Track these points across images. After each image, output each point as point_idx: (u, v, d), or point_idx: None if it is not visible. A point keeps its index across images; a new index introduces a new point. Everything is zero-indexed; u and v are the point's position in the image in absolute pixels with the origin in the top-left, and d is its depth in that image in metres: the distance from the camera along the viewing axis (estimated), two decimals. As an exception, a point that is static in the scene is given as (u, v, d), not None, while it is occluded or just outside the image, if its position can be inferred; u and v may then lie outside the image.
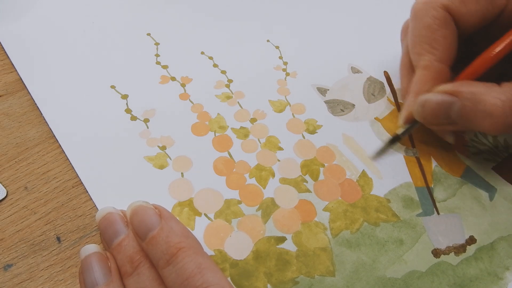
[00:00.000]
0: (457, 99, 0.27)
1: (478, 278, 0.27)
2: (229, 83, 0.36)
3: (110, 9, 0.41)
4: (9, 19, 0.38)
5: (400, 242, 0.28)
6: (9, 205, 0.28)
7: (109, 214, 0.25)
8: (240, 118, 0.34)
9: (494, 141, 0.35)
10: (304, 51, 0.40)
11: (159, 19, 0.41)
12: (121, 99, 0.34)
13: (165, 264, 0.22)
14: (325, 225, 0.29)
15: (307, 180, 0.31)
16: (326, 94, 0.36)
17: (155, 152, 0.31)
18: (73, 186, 0.29)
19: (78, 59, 0.36)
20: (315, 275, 0.27)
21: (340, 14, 0.43)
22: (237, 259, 0.27)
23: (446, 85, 0.29)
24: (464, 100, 0.27)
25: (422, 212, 0.30)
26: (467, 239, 0.29)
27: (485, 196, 0.31)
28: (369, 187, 0.31)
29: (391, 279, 0.27)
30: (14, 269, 0.26)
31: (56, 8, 0.40)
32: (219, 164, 0.31)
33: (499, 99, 0.26)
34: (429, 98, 0.29)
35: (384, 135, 0.34)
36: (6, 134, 0.31)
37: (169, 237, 0.22)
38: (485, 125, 0.27)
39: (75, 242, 0.27)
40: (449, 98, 0.28)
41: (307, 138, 0.33)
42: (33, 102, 0.33)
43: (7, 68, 0.35)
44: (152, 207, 0.24)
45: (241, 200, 0.29)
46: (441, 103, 0.28)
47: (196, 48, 0.39)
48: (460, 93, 0.27)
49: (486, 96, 0.26)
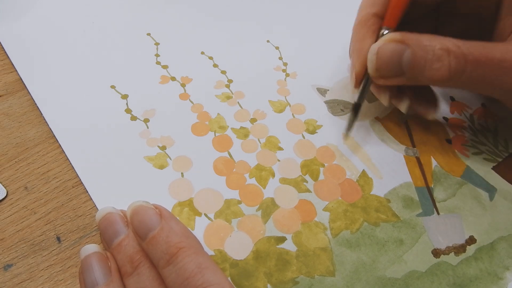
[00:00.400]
0: (406, 46, 0.28)
1: (478, 278, 0.27)
2: (229, 83, 0.36)
3: (110, 9, 0.41)
4: (9, 19, 0.38)
5: (400, 242, 0.28)
6: (9, 205, 0.28)
7: (109, 214, 0.25)
8: (240, 118, 0.34)
9: (494, 141, 0.35)
10: (304, 52, 0.40)
11: (159, 19, 0.41)
12: (121, 99, 0.34)
13: (165, 264, 0.22)
14: (325, 225, 0.29)
15: (307, 180, 0.31)
16: (326, 95, 0.36)
17: (155, 152, 0.31)
18: (73, 186, 0.29)
19: (78, 59, 0.36)
20: (315, 275, 0.27)
21: (340, 14, 0.43)
22: (237, 259, 0.27)
23: (393, 34, 0.29)
24: (414, 47, 0.27)
25: (422, 212, 0.30)
26: (467, 239, 0.29)
27: (485, 196, 0.31)
28: (369, 187, 0.31)
29: (391, 279, 0.27)
30: (14, 269, 0.26)
31: (56, 8, 0.40)
32: (219, 164, 0.31)
33: (445, 45, 0.27)
34: (382, 46, 0.29)
35: (385, 134, 0.34)
36: (6, 134, 0.31)
37: (169, 237, 0.22)
38: (432, 71, 0.27)
39: (75, 242, 0.27)
40: (400, 46, 0.28)
41: (307, 138, 0.33)
42: (33, 102, 0.33)
43: (7, 68, 0.35)
44: (152, 207, 0.24)
45: (241, 200, 0.29)
46: (393, 50, 0.28)
47: (196, 48, 0.39)
48: (409, 41, 0.28)
49: (433, 42, 0.27)
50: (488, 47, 0.27)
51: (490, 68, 0.27)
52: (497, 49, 0.27)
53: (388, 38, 0.28)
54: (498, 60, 0.26)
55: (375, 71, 0.29)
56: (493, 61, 0.26)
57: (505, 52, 0.26)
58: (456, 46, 0.27)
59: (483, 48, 0.27)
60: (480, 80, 0.27)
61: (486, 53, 0.26)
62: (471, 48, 0.27)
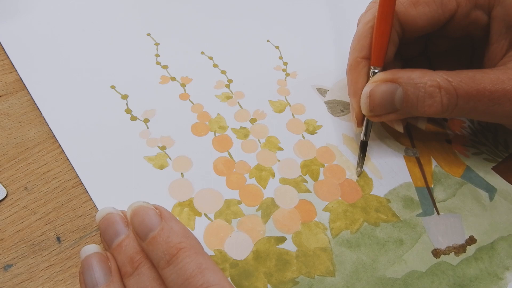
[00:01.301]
0: (398, 85, 0.29)
1: (478, 278, 0.27)
2: (229, 83, 0.36)
3: (110, 9, 0.41)
4: (9, 19, 0.38)
5: (400, 242, 0.28)
6: (9, 205, 0.28)
7: (109, 214, 0.25)
8: (240, 118, 0.34)
9: (494, 141, 0.35)
10: (304, 52, 0.40)
11: (159, 19, 0.41)
12: (121, 99, 0.34)
13: (165, 264, 0.22)
14: (325, 225, 0.29)
15: (307, 180, 0.31)
16: (326, 95, 0.36)
17: (155, 152, 0.31)
18: (73, 186, 0.29)
19: (78, 59, 0.36)
20: (315, 275, 0.27)
21: (340, 14, 0.43)
22: (237, 259, 0.27)
23: (382, 74, 0.29)
24: (405, 85, 0.28)
25: (422, 212, 0.30)
26: (467, 239, 0.29)
27: (485, 196, 0.31)
28: (369, 187, 0.31)
29: (391, 279, 0.27)
30: (14, 269, 0.26)
31: (56, 8, 0.40)
32: (219, 164, 0.31)
33: (435, 81, 0.28)
34: (373, 88, 0.29)
35: (385, 134, 0.34)
36: (6, 134, 0.31)
37: (169, 238, 0.22)
38: (425, 107, 0.28)
39: (75, 242, 0.27)
40: (392, 85, 0.29)
41: (307, 138, 0.33)
42: (33, 102, 0.33)
43: (7, 68, 0.35)
44: (152, 208, 0.24)
45: (241, 200, 0.29)
46: (385, 91, 0.29)
47: (196, 48, 0.39)
48: (399, 79, 0.29)
49: (424, 79, 0.28)
50: (478, 79, 0.27)
51: (481, 101, 0.27)
52: (487, 80, 0.27)
53: (379, 79, 0.29)
54: (489, 92, 0.27)
55: (369, 112, 0.30)
56: (484, 93, 0.27)
57: (495, 83, 0.27)
58: (447, 81, 0.27)
59: (473, 81, 0.27)
60: (472, 110, 0.28)
61: (477, 86, 0.27)
62: (462, 81, 0.27)
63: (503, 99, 0.27)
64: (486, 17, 0.30)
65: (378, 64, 0.30)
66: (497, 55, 0.30)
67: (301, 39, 0.41)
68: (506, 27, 0.29)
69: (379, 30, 0.29)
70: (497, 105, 0.27)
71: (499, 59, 0.30)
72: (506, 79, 0.27)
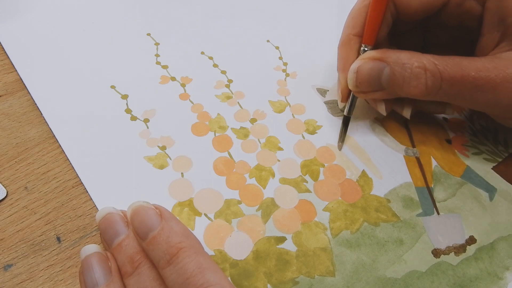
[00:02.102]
0: (386, 64, 0.29)
1: (478, 278, 0.27)
2: (229, 83, 0.36)
3: (110, 9, 0.41)
4: (9, 19, 0.38)
5: (400, 242, 0.28)
6: (9, 205, 0.28)
7: (109, 214, 0.25)
8: (240, 118, 0.34)
9: (494, 141, 0.35)
10: (304, 52, 0.40)
11: (159, 19, 0.41)
12: (121, 99, 0.34)
13: (165, 264, 0.22)
14: (325, 225, 0.29)
15: (307, 180, 0.31)
16: (326, 95, 0.36)
17: (155, 152, 0.31)
18: (73, 186, 0.29)
19: (78, 59, 0.36)
20: (315, 275, 0.27)
21: (340, 14, 0.43)
22: (237, 259, 0.27)
23: (372, 52, 0.30)
24: (392, 65, 0.29)
25: (422, 212, 0.30)
26: (467, 239, 0.29)
27: (485, 196, 0.31)
28: (369, 187, 0.31)
29: (391, 279, 0.27)
30: (14, 269, 0.26)
31: (56, 8, 0.40)
32: (219, 164, 0.31)
33: (422, 63, 0.28)
34: (361, 64, 0.30)
35: (385, 134, 0.34)
36: (6, 134, 0.31)
37: (169, 237, 0.22)
38: (410, 88, 0.29)
39: (75, 242, 0.27)
40: (379, 64, 0.29)
41: (307, 138, 0.33)
42: (33, 102, 0.33)
43: (7, 68, 0.35)
44: (152, 207, 0.24)
45: (241, 200, 0.29)
46: (372, 68, 0.30)
47: (196, 48, 0.39)
48: (388, 58, 0.29)
49: (411, 60, 0.28)
50: (464, 64, 0.28)
51: (464, 86, 0.28)
52: (472, 67, 0.27)
53: (368, 56, 0.30)
54: (473, 78, 0.27)
55: (355, 87, 0.31)
56: (468, 79, 0.27)
57: (480, 70, 0.27)
58: (433, 64, 0.28)
59: (459, 66, 0.28)
60: (455, 95, 0.28)
61: (461, 71, 0.27)
62: (448, 66, 0.28)
63: (487, 86, 0.27)
64: (480, 8, 0.31)
65: (369, 42, 0.31)
66: (489, 46, 0.30)
67: (301, 39, 0.41)
68: (498, 19, 0.30)
69: (374, 9, 0.30)
70: (480, 92, 0.27)
71: (490, 50, 0.30)
72: (491, 67, 0.27)
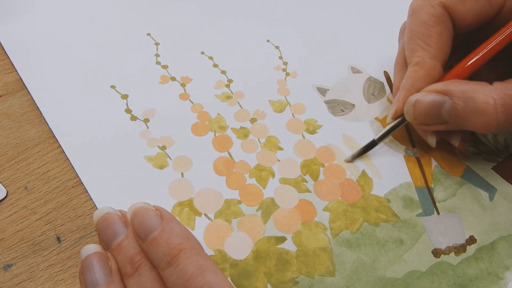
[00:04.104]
0: (448, 98, 0.27)
1: (478, 278, 0.27)
2: (229, 83, 0.36)
3: (110, 9, 0.41)
4: (9, 19, 0.38)
5: (400, 242, 0.28)
6: (9, 205, 0.28)
7: (107, 214, 0.25)
8: (240, 118, 0.34)
9: (494, 141, 0.35)
10: (304, 51, 0.40)
11: (159, 19, 0.41)
12: (121, 99, 0.34)
13: (166, 266, 0.22)
14: (325, 225, 0.29)
15: (307, 180, 0.31)
16: (326, 94, 0.36)
17: (155, 152, 0.31)
18: (73, 186, 0.29)
19: (78, 59, 0.36)
20: (315, 275, 0.27)
21: (340, 14, 0.43)
22: (237, 259, 0.27)
23: (436, 84, 0.29)
24: (455, 99, 0.27)
25: (422, 212, 0.30)
26: (467, 239, 0.29)
27: (485, 196, 0.31)
28: (369, 187, 0.31)
29: (391, 279, 0.27)
30: (14, 269, 0.26)
31: (56, 8, 0.40)
32: (219, 164, 0.31)
33: (490, 97, 0.26)
34: (420, 98, 0.29)
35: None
36: (6, 134, 0.31)
37: (170, 239, 0.22)
38: (477, 123, 0.27)
39: (75, 242, 0.27)
40: (440, 97, 0.28)
41: (307, 138, 0.33)
42: (33, 102, 0.33)
43: (7, 68, 0.35)
44: (153, 209, 0.24)
45: (241, 200, 0.29)
46: (432, 102, 0.28)
47: (196, 48, 0.39)
48: (451, 92, 0.27)
49: (477, 94, 0.26)
50: None
51: None
52: None
53: (431, 89, 0.28)
54: None
55: (413, 120, 0.30)
56: None
57: None
58: (504, 97, 0.26)
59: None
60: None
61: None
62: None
63: None
64: None
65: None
66: None
67: (301, 39, 0.41)
68: None
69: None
70: None
71: None
72: None
